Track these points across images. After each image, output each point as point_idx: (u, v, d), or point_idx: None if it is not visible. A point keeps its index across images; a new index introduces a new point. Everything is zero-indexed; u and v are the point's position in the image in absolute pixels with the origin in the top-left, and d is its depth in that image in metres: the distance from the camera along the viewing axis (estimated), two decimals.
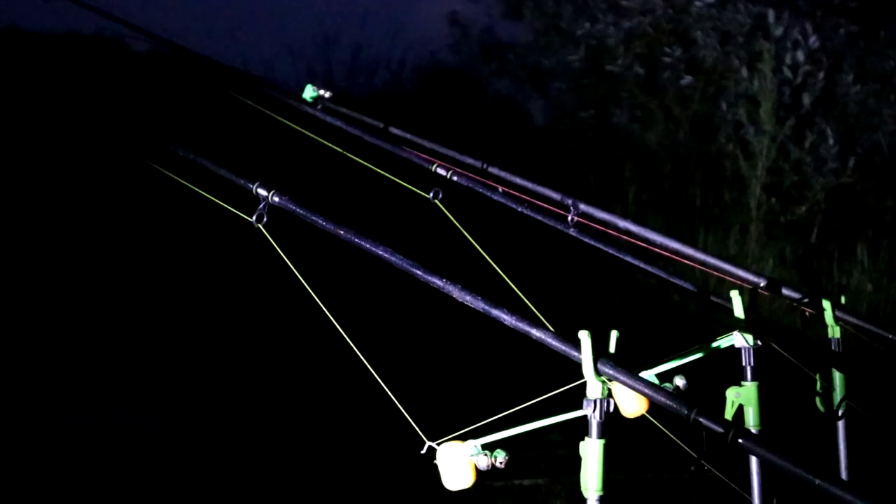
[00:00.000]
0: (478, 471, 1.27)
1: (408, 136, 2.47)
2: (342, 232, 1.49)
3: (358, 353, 1.45)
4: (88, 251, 5.20)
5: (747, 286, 1.94)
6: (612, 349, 1.28)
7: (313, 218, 1.52)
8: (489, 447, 1.28)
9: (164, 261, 5.22)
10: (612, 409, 1.25)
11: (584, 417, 1.26)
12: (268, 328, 4.60)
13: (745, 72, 6.94)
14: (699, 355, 1.52)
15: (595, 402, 1.24)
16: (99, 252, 5.20)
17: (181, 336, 4.56)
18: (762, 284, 1.94)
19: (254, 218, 1.57)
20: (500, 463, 1.27)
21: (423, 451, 1.29)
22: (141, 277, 5.07)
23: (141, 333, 4.56)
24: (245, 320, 4.73)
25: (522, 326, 1.32)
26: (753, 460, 1.60)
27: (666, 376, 1.43)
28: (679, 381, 1.41)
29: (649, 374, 1.40)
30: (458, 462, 1.27)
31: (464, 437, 1.29)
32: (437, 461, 1.28)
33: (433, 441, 1.29)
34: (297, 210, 1.54)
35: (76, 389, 4.09)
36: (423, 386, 2.31)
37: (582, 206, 2.12)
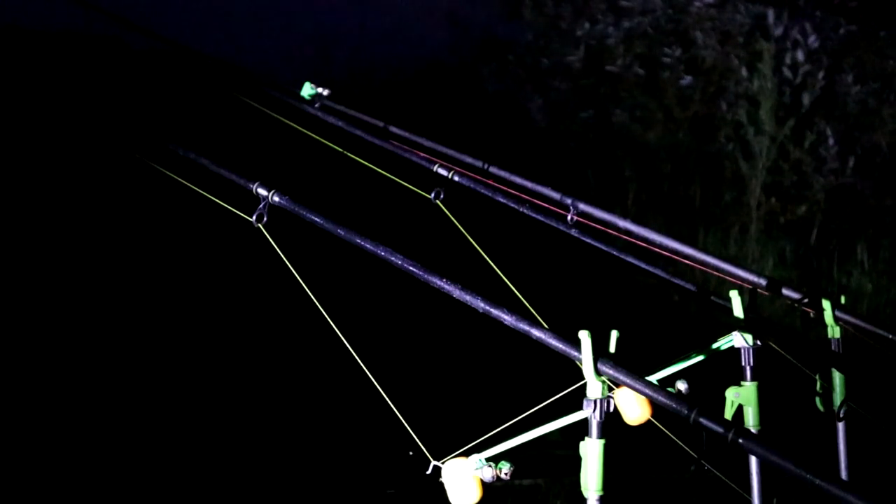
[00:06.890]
0: (483, 483, 1.28)
1: (408, 135, 2.46)
2: (342, 232, 1.49)
3: (360, 362, 1.44)
4: (87, 251, 5.19)
5: (747, 286, 1.94)
6: (612, 349, 1.28)
7: (313, 218, 1.52)
8: (493, 459, 1.28)
9: (163, 261, 5.21)
10: (612, 409, 1.25)
11: (584, 418, 1.26)
12: (266, 331, 4.59)
13: (745, 72, 6.94)
14: (700, 358, 1.52)
15: (595, 402, 1.24)
16: (97, 252, 5.19)
17: (179, 338, 4.54)
18: (762, 284, 1.93)
19: (254, 218, 1.56)
20: (506, 474, 1.27)
21: (429, 472, 1.29)
22: (139, 277, 5.06)
23: (139, 334, 4.54)
24: (244, 322, 4.72)
25: (522, 326, 1.31)
26: (753, 460, 1.60)
27: (667, 381, 1.42)
28: (681, 386, 1.41)
29: (651, 380, 1.40)
30: (464, 478, 1.27)
31: (467, 453, 1.29)
32: (443, 479, 1.28)
33: (437, 459, 1.29)
34: (297, 210, 1.54)
35: (73, 390, 4.08)
36: (424, 397, 2.31)
37: (582, 206, 2.12)
